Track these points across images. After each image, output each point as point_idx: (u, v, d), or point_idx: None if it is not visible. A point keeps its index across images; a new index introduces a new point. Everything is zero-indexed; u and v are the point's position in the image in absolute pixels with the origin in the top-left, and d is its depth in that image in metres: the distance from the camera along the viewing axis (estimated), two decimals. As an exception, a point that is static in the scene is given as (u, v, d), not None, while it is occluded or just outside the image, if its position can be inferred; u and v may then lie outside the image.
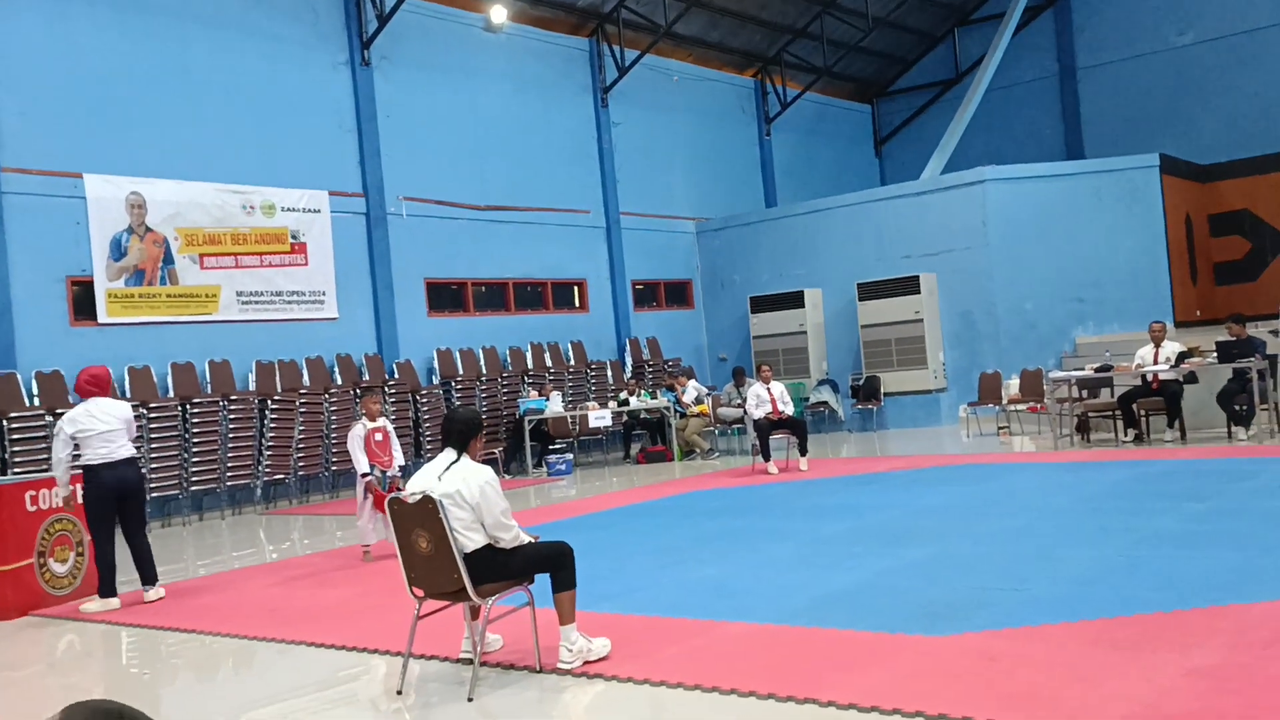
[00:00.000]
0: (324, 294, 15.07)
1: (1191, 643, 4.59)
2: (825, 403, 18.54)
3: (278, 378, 14.19)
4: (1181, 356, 12.37)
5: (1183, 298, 17.36)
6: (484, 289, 17.56)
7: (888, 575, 6.49)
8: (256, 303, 14.33)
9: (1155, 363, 12.47)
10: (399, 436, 14.64)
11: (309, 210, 14.95)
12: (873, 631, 5.22)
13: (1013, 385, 15.98)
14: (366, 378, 15.04)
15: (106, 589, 7.66)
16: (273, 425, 13.51)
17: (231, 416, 13.21)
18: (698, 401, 16.36)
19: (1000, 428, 15.55)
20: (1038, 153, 21.91)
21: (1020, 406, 15.51)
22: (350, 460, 9.33)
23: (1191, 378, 12.59)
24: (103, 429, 7.61)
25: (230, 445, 13.15)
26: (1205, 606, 5.13)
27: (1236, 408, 12.15)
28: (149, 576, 7.88)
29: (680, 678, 4.73)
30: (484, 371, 16.60)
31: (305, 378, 14.46)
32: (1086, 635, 4.86)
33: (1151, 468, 10.31)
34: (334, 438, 14.07)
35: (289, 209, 14.75)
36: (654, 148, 20.40)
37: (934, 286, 17.96)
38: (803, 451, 12.99)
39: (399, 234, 16.06)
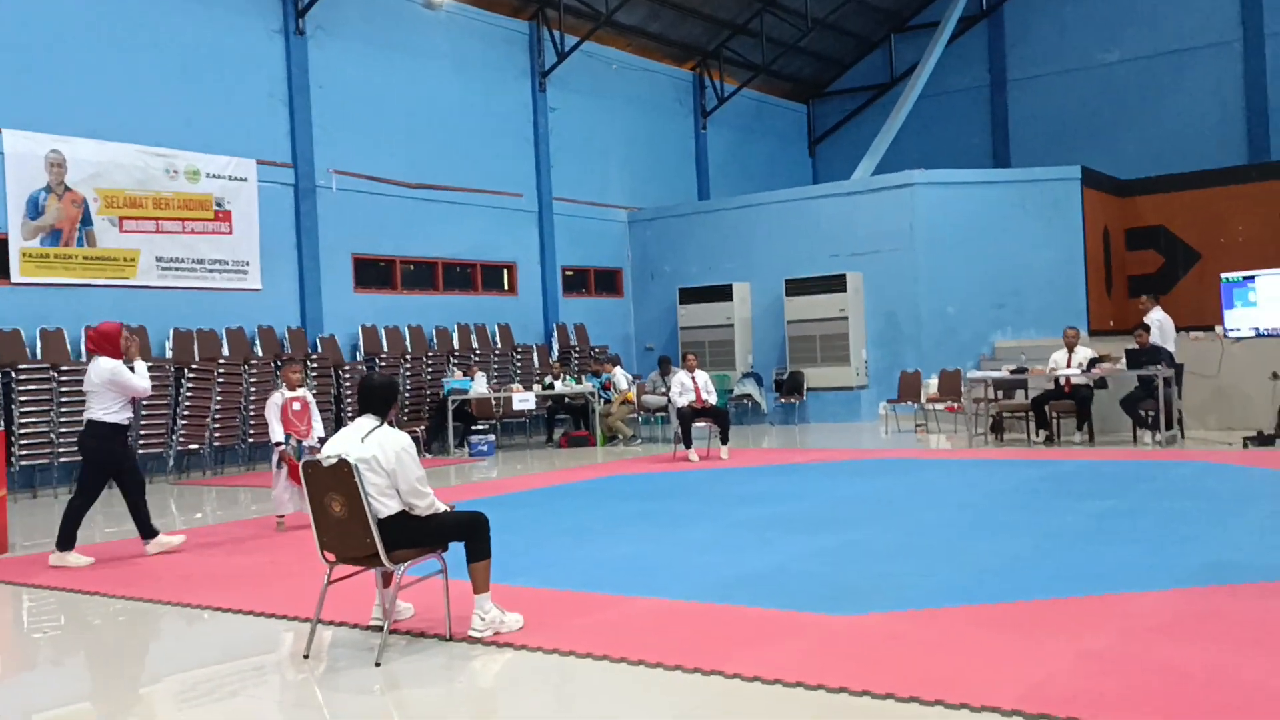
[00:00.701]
0: (248, 264, 14.82)
1: (1084, 628, 4.75)
2: (749, 395, 18.73)
3: (196, 347, 13.93)
4: (1093, 362, 12.74)
5: (1098, 307, 17.85)
6: (412, 267, 17.41)
7: (799, 559, 6.61)
8: (177, 269, 14.04)
9: (1068, 367, 12.82)
10: (320, 412, 14.53)
11: (235, 178, 14.68)
12: (781, 610, 5.32)
13: (932, 385, 16.30)
14: (289, 351, 14.83)
15: (63, 542, 7.65)
16: (189, 395, 13.25)
17: (146, 383, 12.91)
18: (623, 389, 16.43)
19: (918, 425, 15.87)
20: (966, 160, 22.33)
21: (938, 405, 15.84)
22: (268, 430, 9.20)
23: (1101, 383, 12.98)
24: (87, 388, 7.76)
25: (143, 413, 12.87)
26: (1099, 595, 5.32)
27: (1141, 413, 12.54)
28: (145, 531, 7.97)
29: (590, 648, 4.77)
30: (409, 350, 16.47)
31: (225, 348, 14.21)
32: (986, 619, 5.01)
33: (1060, 467, 10.61)
34: (252, 409, 13.86)
35: (214, 175, 14.47)
36: (590, 135, 20.39)
37: (860, 286, 18.23)
38: (724, 440, 13.11)
39: (328, 207, 15.85)
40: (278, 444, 8.89)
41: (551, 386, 16.23)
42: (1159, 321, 13.16)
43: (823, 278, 18.28)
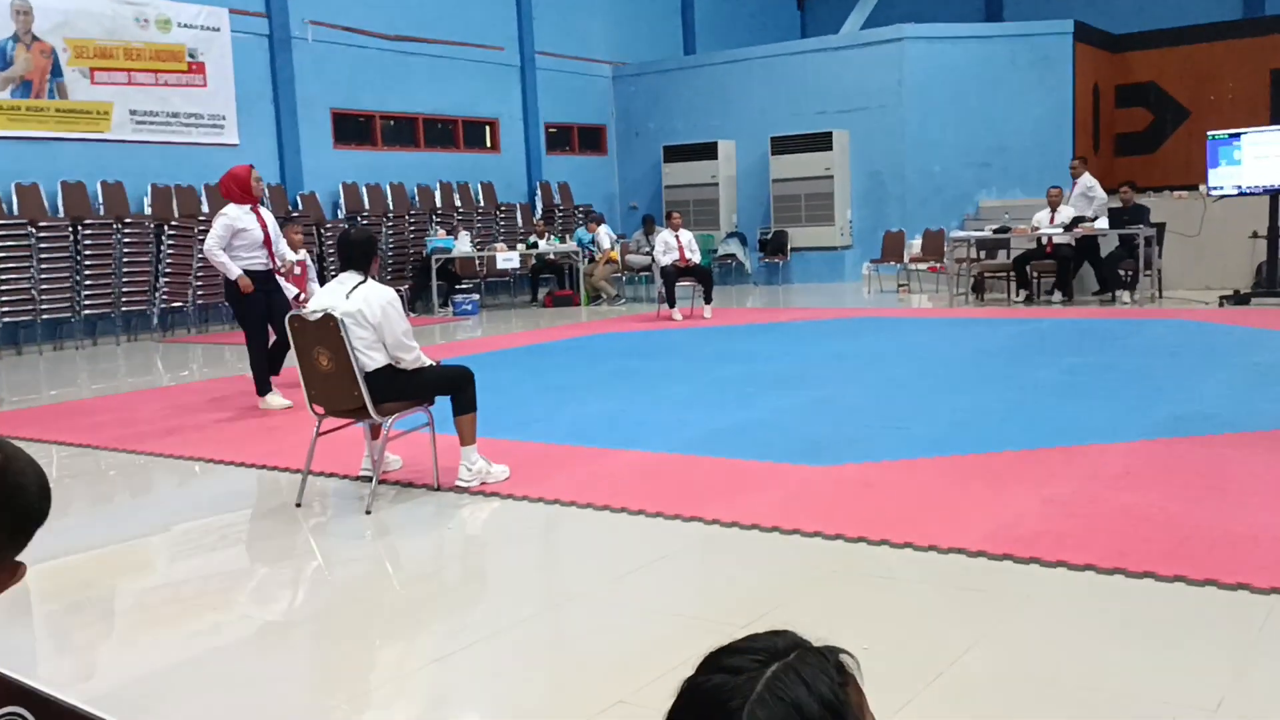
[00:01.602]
0: (223, 118, 14.55)
1: (1049, 476, 4.93)
2: (733, 255, 18.73)
3: (174, 203, 13.79)
4: (1075, 221, 12.77)
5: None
6: (393, 123, 17.12)
7: (778, 414, 6.76)
8: (152, 123, 13.78)
9: (1050, 226, 12.86)
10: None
11: (207, 28, 14.28)
12: (759, 461, 5.48)
13: (915, 245, 16.33)
14: (270, 207, 14.66)
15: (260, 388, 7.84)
16: (170, 251, 13.19)
17: (126, 240, 12.85)
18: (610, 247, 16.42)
19: (900, 285, 15.96)
20: (958, 13, 21.80)
21: (921, 266, 15.90)
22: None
23: (1084, 242, 13.03)
24: None
25: (125, 270, 12.84)
26: (1068, 446, 5.49)
27: (1121, 272, 12.65)
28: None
29: (574, 498, 4.93)
30: (391, 208, 16.34)
31: (204, 204, 14.07)
32: (956, 468, 5.18)
33: (1038, 325, 10.76)
34: (235, 268, 13.80)
35: (185, 25, 14.07)
36: (573, -15, 19.81)
37: (846, 144, 18.04)
38: (707, 300, 13.19)
39: (304, 60, 15.48)
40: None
41: (535, 245, 16.20)
42: (1088, 187, 13.18)
43: (809, 135, 18.06)
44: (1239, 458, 5.11)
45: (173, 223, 13.29)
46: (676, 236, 13.20)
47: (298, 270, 8.61)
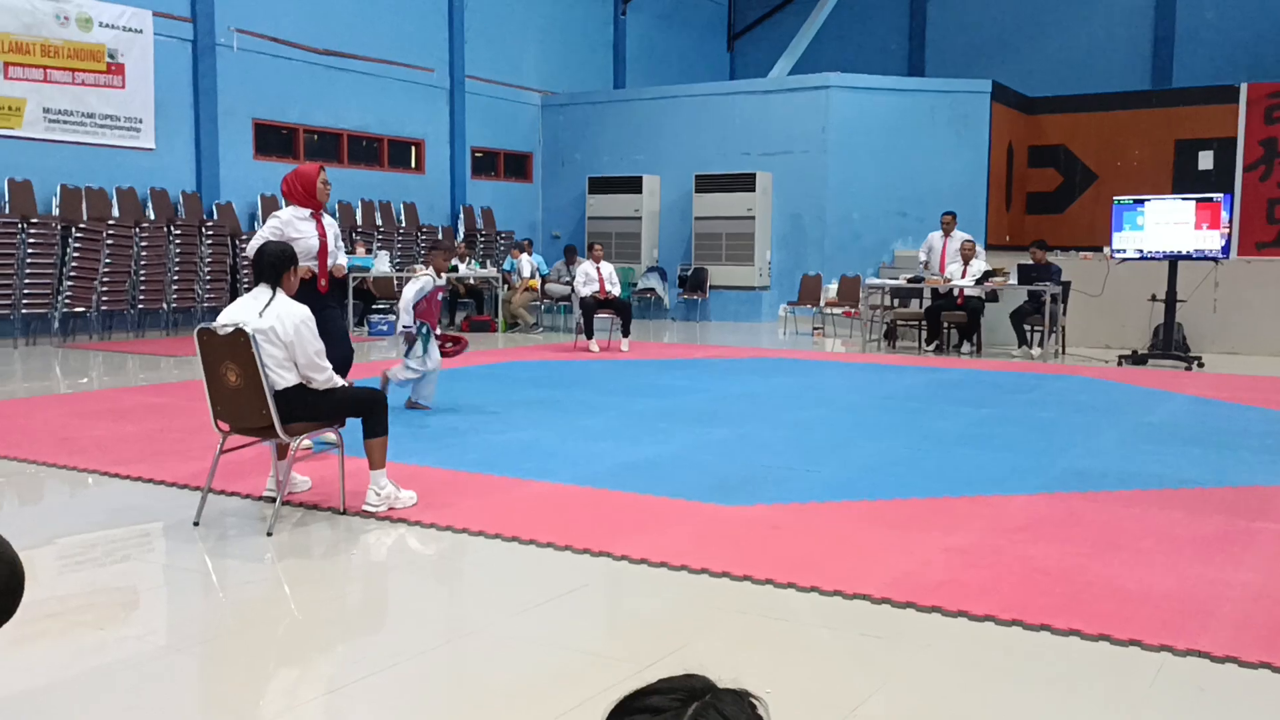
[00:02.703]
0: (140, 122, 14.20)
1: (953, 525, 5.02)
2: (652, 289, 18.83)
3: (84, 205, 13.40)
4: (986, 275, 13.11)
5: (996, 222, 18.26)
6: (316, 137, 16.90)
7: (690, 450, 6.78)
8: (66, 122, 13.39)
9: (962, 279, 13.18)
10: (212, 280, 14.20)
11: (129, 29, 13.96)
12: (670, 498, 5.48)
13: (832, 289, 16.60)
14: (183, 216, 14.37)
15: None
16: (75, 255, 12.79)
17: (31, 240, 12.45)
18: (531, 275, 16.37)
19: (815, 328, 16.20)
20: (883, 66, 22.36)
21: (836, 310, 16.16)
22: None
23: (993, 296, 13.40)
24: None
25: (27, 271, 12.41)
26: (972, 496, 5.60)
27: (1027, 327, 13.02)
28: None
29: (482, 527, 4.87)
30: (309, 223, 16.06)
31: (115, 209, 13.69)
32: (863, 514, 5.24)
33: (947, 375, 10.99)
34: (142, 274, 13.46)
35: (107, 25, 13.73)
36: (507, 12, 19.83)
37: (769, 186, 18.31)
38: (625, 333, 13.22)
39: (228, 68, 15.22)
40: (405, 329, 8.18)
41: (456, 269, 16.07)
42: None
43: (733, 175, 18.30)
44: (1131, 515, 5.26)
45: (80, 225, 12.90)
46: (598, 268, 13.23)
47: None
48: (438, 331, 8.35)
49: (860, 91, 18.00)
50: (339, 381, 5.02)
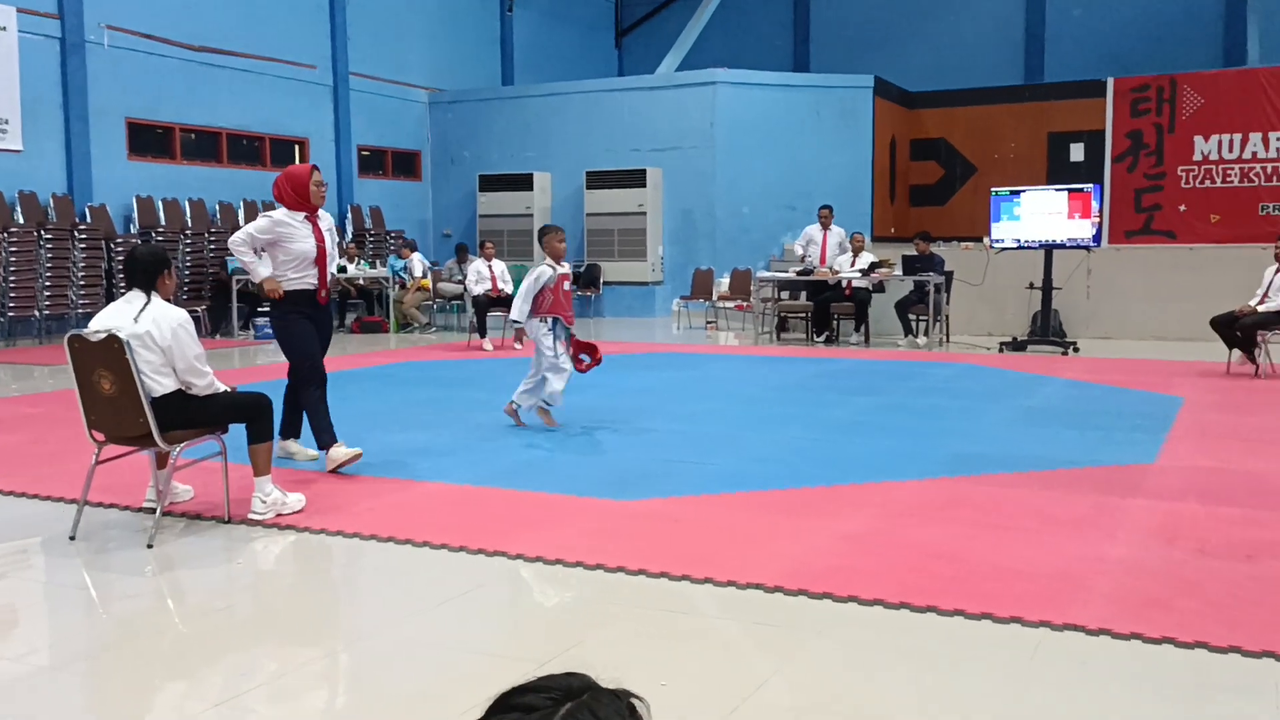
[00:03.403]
0: (6, 122, 13.59)
1: (844, 511, 5.12)
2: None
3: (-54, 210, 12.78)
4: (873, 266, 13.40)
5: (881, 214, 18.66)
6: (194, 136, 16.40)
7: (586, 446, 6.78)
8: (-78, 123, 12.75)
9: (851, 270, 13.45)
10: (86, 286, 13.67)
11: (-9, 26, 13.34)
12: (565, 494, 5.48)
13: (724, 283, 16.76)
14: (54, 219, 13.79)
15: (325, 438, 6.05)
16: (-62, 262, 12.20)
17: (-113, 248, 11.83)
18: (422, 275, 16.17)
19: (709, 322, 16.35)
20: (769, 62, 22.61)
21: (729, 304, 16.33)
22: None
23: (880, 287, 13.70)
24: None
25: (-116, 280, 11.79)
26: (861, 483, 5.72)
27: (912, 316, 13.36)
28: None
29: (374, 530, 4.80)
30: (190, 225, 15.61)
31: (-20, 213, 13.09)
32: (757, 504, 5.31)
33: (836, 365, 11.20)
34: (12, 281, 12.89)
35: (-34, 21, 13.11)
36: (390, 8, 19.52)
37: (659, 182, 18.41)
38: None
39: (99, 66, 14.66)
40: (515, 323, 7.51)
41: (344, 270, 15.77)
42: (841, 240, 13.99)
43: (624, 172, 18.35)
44: (1012, 496, 5.44)
45: (-58, 230, 12.30)
46: (490, 266, 13.13)
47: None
48: (574, 331, 7.47)
49: (747, 87, 18.22)
50: (221, 387, 4.88)
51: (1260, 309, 9.88)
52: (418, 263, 16.31)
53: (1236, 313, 9.92)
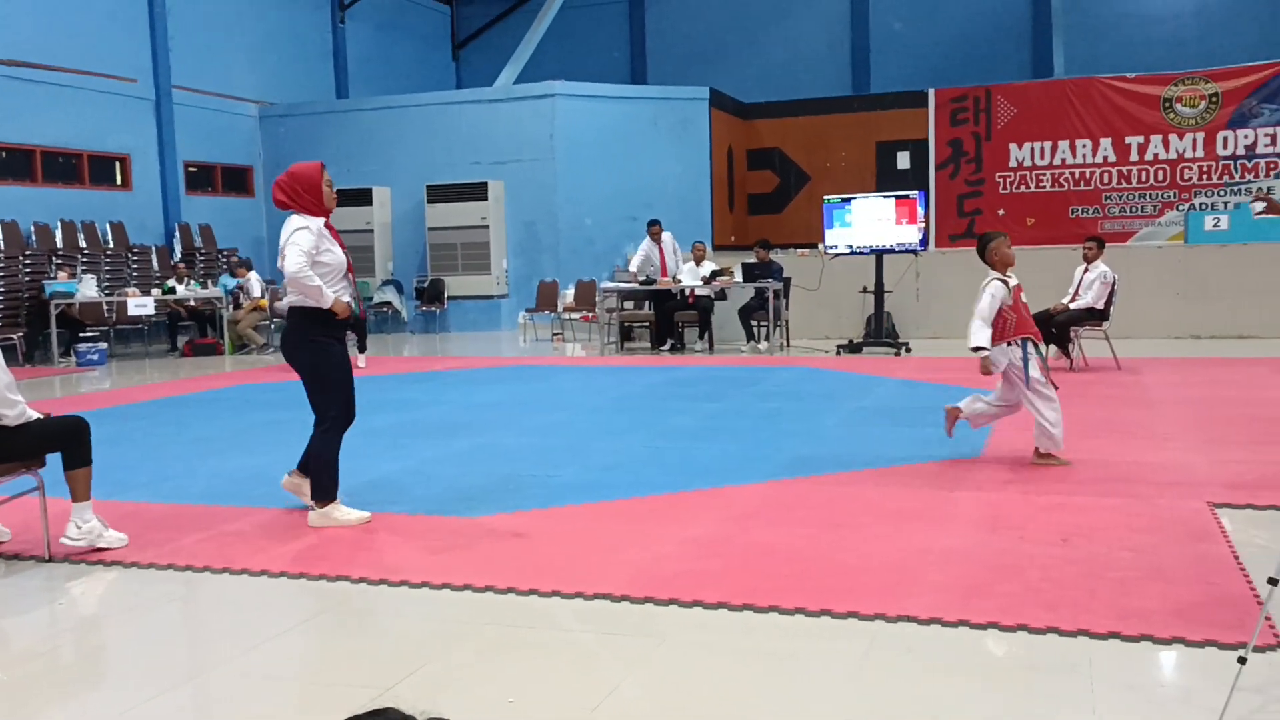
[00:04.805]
0: None
1: (689, 517, 5.20)
2: (389, 303, 18.45)
3: None
4: (714, 274, 13.66)
5: (721, 223, 19.04)
6: (4, 154, 15.49)
7: (432, 463, 6.70)
8: None
9: (692, 279, 13.67)
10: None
11: None
12: (409, 514, 5.40)
13: (569, 295, 16.81)
14: None
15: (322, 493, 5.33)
16: None
17: None
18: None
19: (555, 334, 16.36)
20: (607, 74, 22.81)
21: (574, 315, 16.37)
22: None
23: (721, 295, 13.98)
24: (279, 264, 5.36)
25: None
26: (706, 488, 5.82)
27: (753, 322, 13.66)
28: (313, 490, 5.36)
29: (208, 561, 4.63)
30: (2, 247, 14.72)
31: None
32: (603, 514, 5.35)
33: (681, 373, 11.36)
34: None
35: None
36: (213, 19, 18.86)
37: (501, 195, 18.33)
38: (361, 349, 12.88)
39: (-107, 79, 13.71)
40: (977, 350, 6.13)
41: (173, 290, 15.16)
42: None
43: (465, 185, 18.20)
44: (850, 494, 5.63)
45: None
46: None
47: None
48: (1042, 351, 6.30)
49: (585, 100, 18.34)
50: (33, 415, 4.63)
51: (1072, 306, 10.49)
52: (255, 282, 15.80)
53: (1051, 310, 10.49)
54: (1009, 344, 6.10)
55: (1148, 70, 16.83)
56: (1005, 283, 6.12)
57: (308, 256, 5.12)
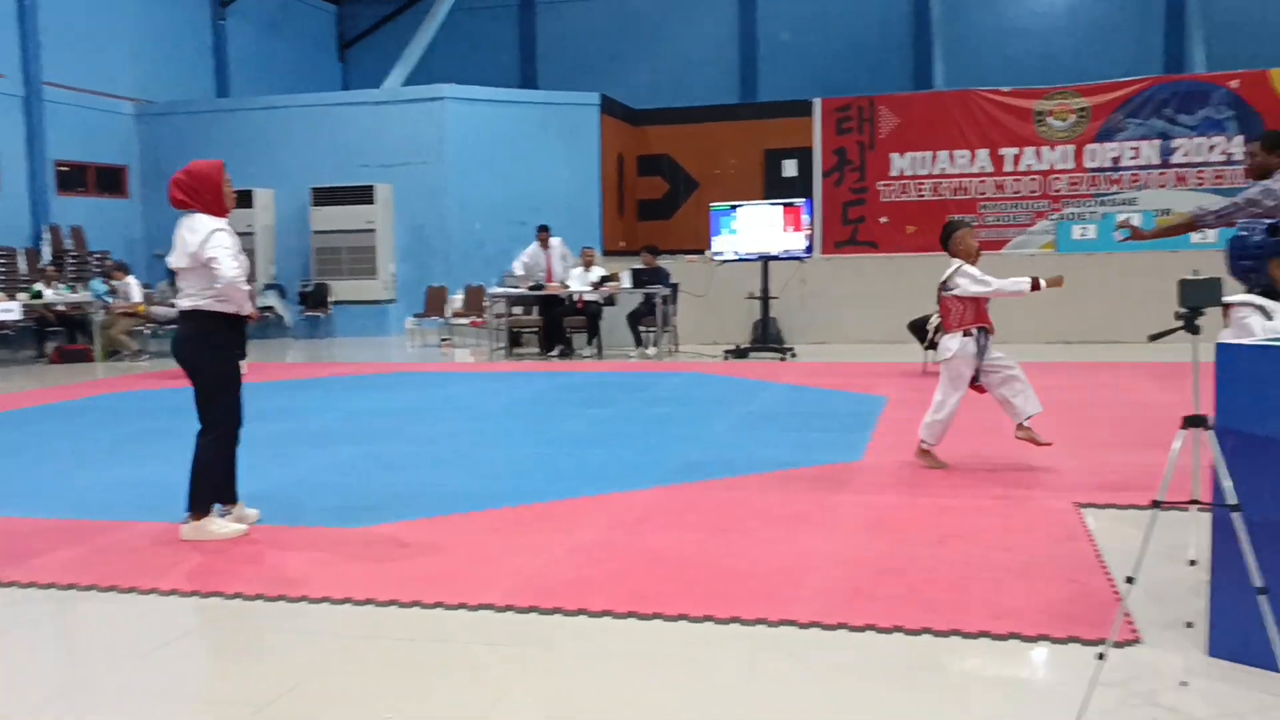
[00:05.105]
0: None
1: (576, 524, 5.21)
2: (271, 307, 18.00)
3: None
4: (603, 280, 13.69)
5: (611, 229, 19.11)
6: None
7: (314, 473, 6.57)
8: None
9: (581, 285, 13.68)
10: None
11: None
12: (289, 526, 5.28)
13: (457, 300, 16.66)
14: None
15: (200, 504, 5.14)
16: None
17: None
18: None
19: (443, 340, 16.20)
20: (496, 78, 22.66)
21: (463, 321, 16.23)
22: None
23: (610, 300, 14.02)
24: (173, 263, 5.22)
25: None
26: (594, 494, 5.83)
27: (642, 328, 13.75)
28: (190, 499, 5.15)
29: (73, 579, 4.46)
30: None
31: None
32: (490, 522, 5.32)
33: (570, 379, 11.36)
34: None
35: None
36: (88, 14, 18.17)
37: (389, 198, 18.08)
38: (242, 355, 12.51)
39: None
40: (1035, 283, 6.21)
41: (40, 295, 14.55)
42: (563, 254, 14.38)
43: (351, 188, 17.90)
44: (737, 498, 5.71)
45: None
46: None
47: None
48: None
49: (475, 103, 18.21)
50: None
51: (951, 312, 10.79)
52: (135, 286, 15.24)
53: (930, 316, 10.79)
54: (964, 334, 6.21)
55: (1022, 84, 17.45)
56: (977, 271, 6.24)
57: (239, 261, 5.10)
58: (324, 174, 18.17)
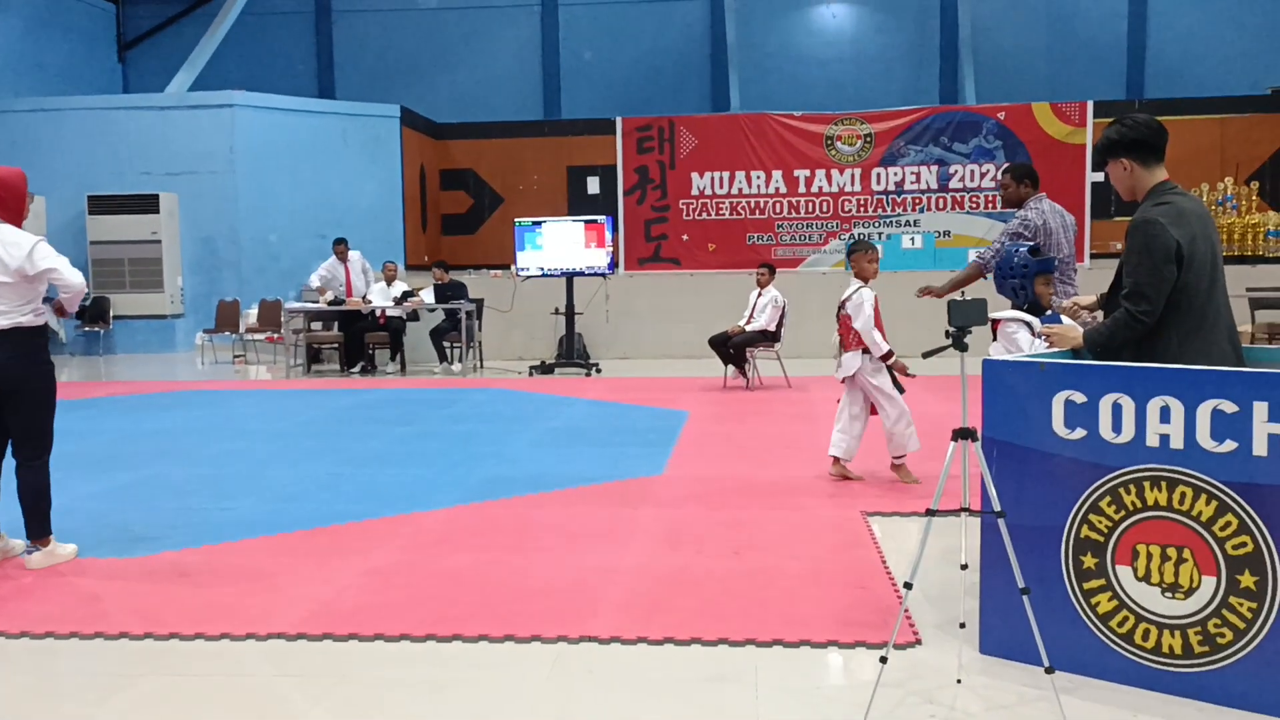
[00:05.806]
0: None
1: (373, 547, 5.07)
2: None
3: None
4: (405, 295, 13.44)
5: (414, 243, 18.78)
6: None
7: (86, 500, 6.16)
8: None
9: (384, 299, 13.39)
10: None
11: None
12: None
13: (252, 315, 16.00)
14: None
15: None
16: None
17: None
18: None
19: (237, 356, 15.52)
20: (291, 86, 21.93)
21: (258, 336, 15.60)
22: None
23: (414, 315, 13.77)
24: None
25: None
26: (392, 515, 5.70)
27: (446, 344, 13.56)
28: (33, 528, 4.87)
29: None
30: None
31: None
32: (280, 547, 5.11)
33: (371, 396, 11.08)
34: None
35: None
36: None
37: (175, 208, 17.20)
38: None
39: None
40: (888, 356, 6.39)
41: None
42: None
43: (133, 196, 16.92)
44: (538, 515, 5.69)
45: None
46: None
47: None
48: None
49: (268, 111, 17.57)
50: None
51: (748, 329, 11.13)
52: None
53: (729, 332, 11.09)
54: (864, 351, 6.37)
55: (812, 109, 18.18)
56: (872, 289, 6.47)
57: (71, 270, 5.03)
58: (102, 181, 17.14)
